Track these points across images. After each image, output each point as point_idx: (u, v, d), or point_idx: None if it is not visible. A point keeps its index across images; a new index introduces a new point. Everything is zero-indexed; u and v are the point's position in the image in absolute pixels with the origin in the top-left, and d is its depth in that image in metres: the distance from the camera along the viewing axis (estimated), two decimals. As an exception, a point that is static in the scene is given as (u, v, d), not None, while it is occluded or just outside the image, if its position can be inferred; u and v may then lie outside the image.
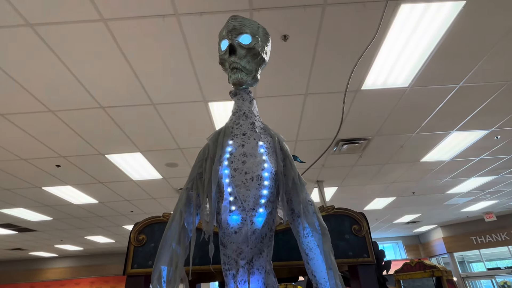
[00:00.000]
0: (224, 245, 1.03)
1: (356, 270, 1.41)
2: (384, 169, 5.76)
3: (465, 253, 11.72)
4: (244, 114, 1.17)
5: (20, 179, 5.07)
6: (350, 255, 1.42)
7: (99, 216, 7.43)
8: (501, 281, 10.68)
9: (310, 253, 1.04)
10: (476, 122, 4.26)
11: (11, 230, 8.07)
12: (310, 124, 4.05)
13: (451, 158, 5.39)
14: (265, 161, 1.07)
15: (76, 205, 6.51)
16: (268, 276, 1.04)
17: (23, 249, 10.73)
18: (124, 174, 5.16)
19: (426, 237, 12.84)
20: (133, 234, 1.48)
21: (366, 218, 1.53)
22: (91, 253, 12.22)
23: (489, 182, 6.88)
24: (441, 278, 4.77)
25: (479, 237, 10.73)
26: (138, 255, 1.43)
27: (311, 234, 1.06)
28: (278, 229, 1.49)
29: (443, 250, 11.54)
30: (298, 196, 1.09)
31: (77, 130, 3.82)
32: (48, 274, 12.19)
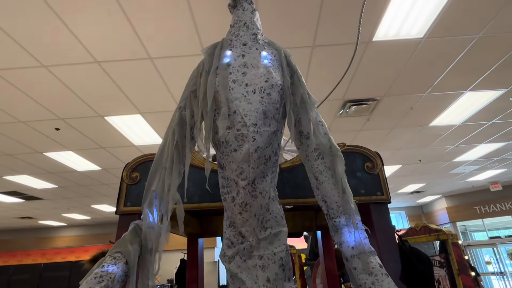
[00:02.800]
0: (223, 166, 0.90)
1: (369, 209, 1.30)
2: (391, 134, 5.60)
3: (467, 223, 11.77)
4: (244, 24, 1.01)
5: (21, 144, 5.00)
6: (362, 193, 1.30)
7: (103, 183, 7.45)
8: (510, 249, 10.73)
9: (320, 176, 0.91)
10: (492, 81, 4.03)
11: (18, 198, 8.17)
12: (317, 82, 3.85)
13: (462, 122, 5.20)
14: (269, 72, 0.91)
15: (79, 172, 6.50)
16: (273, 203, 0.92)
17: (32, 218, 10.96)
18: (125, 139, 5.07)
19: (429, 207, 12.88)
20: (126, 172, 1.37)
21: (380, 156, 1.40)
22: (98, 223, 12.48)
23: (499, 149, 6.71)
24: (446, 241, 4.72)
25: (483, 206, 10.72)
26: (132, 193, 1.33)
27: (322, 156, 0.92)
28: (283, 166, 1.37)
29: (446, 220, 11.60)
30: (307, 115, 0.95)
31: (73, 89, 3.68)
32: (58, 242, 12.55)
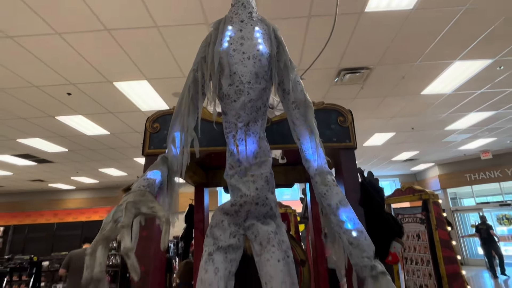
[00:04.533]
0: (225, 113, 1.24)
1: (339, 154, 1.65)
2: (384, 102, 5.88)
3: (458, 190, 12.34)
4: (242, 4, 1.30)
5: (34, 107, 5.32)
6: (334, 140, 1.65)
7: (111, 148, 7.85)
8: (501, 214, 11.33)
9: (296, 121, 1.26)
10: (480, 51, 4.24)
11: (30, 161, 8.62)
12: (313, 51, 4.08)
13: (452, 91, 5.46)
14: (260, 43, 1.22)
15: (89, 136, 6.87)
16: (262, 140, 1.27)
17: (43, 181, 11.54)
18: (133, 104, 5.37)
19: (423, 175, 13.40)
20: (149, 123, 1.72)
21: (351, 113, 1.74)
22: (106, 186, 13.09)
23: (489, 118, 7.00)
24: (428, 200, 5.19)
25: (473, 174, 11.20)
26: (154, 139, 1.68)
27: (298, 107, 1.26)
28: (274, 120, 1.70)
29: (437, 187, 12.15)
30: (288, 76, 1.27)
31: (84, 55, 3.93)
32: (68, 204, 13.27)
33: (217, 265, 1.08)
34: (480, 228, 9.37)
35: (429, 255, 5.13)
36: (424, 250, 5.24)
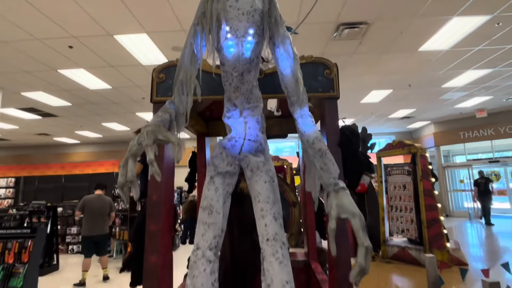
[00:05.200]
0: (223, 64, 1.45)
1: (323, 103, 1.88)
2: (382, 58, 5.94)
3: (451, 147, 12.73)
4: None
5: (36, 60, 5.41)
6: (320, 91, 1.86)
7: (114, 102, 8.03)
8: (489, 171, 11.86)
9: (284, 71, 1.46)
10: (479, 6, 4.25)
11: (35, 114, 8.84)
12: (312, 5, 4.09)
13: (450, 47, 5.50)
14: (253, 0, 1.39)
15: (91, 90, 7.01)
16: (254, 88, 1.49)
17: (49, 134, 11.87)
18: (133, 57, 5.45)
19: (418, 133, 13.69)
20: (155, 73, 1.92)
21: (337, 66, 1.93)
22: (110, 141, 13.46)
23: (486, 76, 7.08)
24: (416, 154, 5.53)
25: (467, 132, 11.49)
26: (160, 88, 1.89)
27: (286, 59, 1.46)
28: (267, 72, 1.90)
29: (431, 144, 12.51)
30: (278, 31, 1.45)
31: (85, 8, 3.96)
32: (74, 157, 13.76)
33: (217, 186, 1.37)
34: (479, 182, 10.00)
35: (412, 204, 5.59)
36: (408, 199, 5.69)
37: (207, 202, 1.34)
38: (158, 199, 1.72)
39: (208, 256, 1.25)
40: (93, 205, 5.08)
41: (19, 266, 3.45)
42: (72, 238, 7.52)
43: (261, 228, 1.27)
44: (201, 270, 1.22)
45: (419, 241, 5.40)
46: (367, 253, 1.01)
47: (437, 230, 5.17)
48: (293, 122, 3.22)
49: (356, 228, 1.05)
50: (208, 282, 1.21)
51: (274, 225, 1.25)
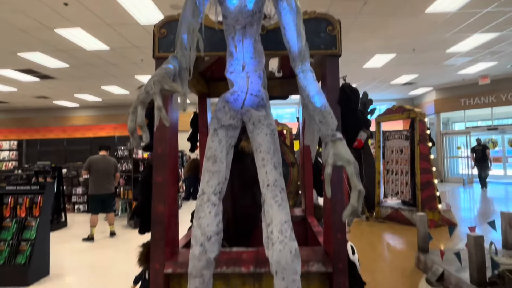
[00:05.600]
0: (225, 17, 1.45)
1: (325, 61, 1.89)
2: (388, 21, 5.76)
3: (451, 114, 12.74)
4: None
5: (32, 19, 5.25)
6: (322, 47, 1.86)
7: (112, 64, 7.90)
8: (487, 138, 12.01)
9: (286, 26, 1.47)
10: (491, -37, 4.06)
11: (33, 76, 8.74)
12: (316, -40, 3.91)
13: (457, 9, 5.32)
14: None
15: (89, 51, 6.87)
16: (256, 43, 1.50)
17: (48, 97, 11.80)
18: (131, 16, 5.29)
19: (420, 99, 13.61)
20: (156, 29, 1.90)
21: (340, 22, 1.91)
22: (110, 104, 13.40)
23: (492, 40, 6.91)
24: (415, 118, 5.57)
25: (468, 99, 11.43)
26: (162, 44, 1.89)
27: (289, 13, 1.46)
28: (269, 28, 1.89)
29: (432, 111, 12.49)
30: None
31: (79, -40, 3.79)
32: (74, 121, 13.80)
33: (220, 138, 1.44)
34: (476, 149, 10.24)
35: (408, 167, 5.74)
36: (404, 163, 5.84)
37: (211, 152, 1.41)
38: (164, 152, 1.80)
39: (213, 200, 1.35)
40: (99, 165, 5.22)
41: (31, 219, 3.64)
42: (78, 198, 7.79)
43: (262, 175, 1.35)
44: (207, 212, 1.32)
45: (412, 202, 5.62)
46: (360, 196, 1.10)
47: (430, 193, 5.37)
48: (294, 83, 3.23)
49: (350, 174, 1.13)
50: (213, 223, 1.31)
51: (274, 173, 1.34)
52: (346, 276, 1.68)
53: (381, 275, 3.48)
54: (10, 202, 3.70)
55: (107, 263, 4.16)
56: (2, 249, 3.51)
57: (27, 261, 3.45)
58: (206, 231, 1.30)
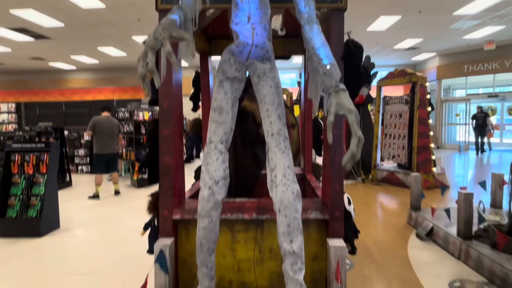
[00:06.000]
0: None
1: (330, 15, 1.87)
2: (395, -22, 5.53)
3: (452, 81, 12.62)
4: None
5: (23, -28, 5.02)
6: (327, 1, 1.84)
7: (108, 23, 7.65)
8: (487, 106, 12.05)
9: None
10: None
11: (27, 35, 8.48)
12: None
13: (469, -33, 5.09)
14: None
15: (84, 9, 6.63)
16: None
17: (43, 59, 11.54)
18: (127, -29, 5.06)
19: (422, 65, 13.40)
20: (158, -22, 1.87)
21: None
22: (107, 67, 13.14)
23: (501, 2, 6.68)
24: (416, 83, 5.55)
25: (471, 65, 11.26)
26: (166, -6, 1.87)
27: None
28: (274, -20, 1.85)
29: (433, 78, 12.35)
30: None
31: None
32: (72, 84, 13.61)
33: (226, 90, 1.48)
34: (478, 116, 10.54)
35: (406, 131, 5.83)
36: (403, 127, 5.91)
37: (217, 103, 1.46)
38: (169, 106, 1.84)
39: (220, 148, 1.42)
40: (103, 126, 5.28)
41: (39, 176, 3.77)
42: (81, 160, 7.93)
43: (266, 125, 1.41)
44: (214, 159, 1.40)
45: (407, 166, 5.78)
46: (359, 142, 1.17)
47: (426, 156, 5.50)
48: (297, 42, 3.21)
49: (351, 122, 1.19)
50: (220, 169, 1.40)
51: (278, 123, 1.40)
52: (341, 223, 1.82)
53: (373, 230, 3.69)
54: (17, 159, 3.79)
55: (114, 218, 4.37)
56: (14, 203, 3.67)
57: (38, 215, 3.62)
58: (214, 176, 1.39)
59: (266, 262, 1.86)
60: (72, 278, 2.64)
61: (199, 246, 1.45)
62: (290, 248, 1.23)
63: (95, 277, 2.66)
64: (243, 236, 1.86)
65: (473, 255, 2.66)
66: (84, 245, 3.41)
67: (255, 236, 1.86)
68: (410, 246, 3.18)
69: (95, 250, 3.25)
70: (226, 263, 1.86)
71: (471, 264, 2.68)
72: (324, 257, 1.85)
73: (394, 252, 3.05)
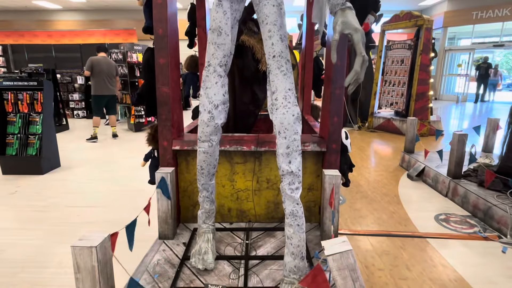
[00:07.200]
0: None
1: None
2: None
3: (458, 29, 12.10)
4: None
5: None
6: None
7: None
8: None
9: None
10: None
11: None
12: None
13: None
14: None
15: None
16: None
17: (25, -4, 10.75)
18: None
19: (429, 12, 12.74)
20: None
21: None
22: (97, 7, 12.33)
23: None
24: (422, 26, 5.31)
25: (481, 12, 10.72)
26: None
27: None
28: None
29: (439, 25, 11.82)
30: None
31: None
32: (59, 25, 12.86)
33: (225, 10, 1.39)
34: (481, 66, 10.87)
35: (406, 78, 5.73)
36: (403, 74, 5.80)
37: (216, 24, 1.39)
38: (164, 33, 1.75)
39: (219, 71, 1.38)
40: (102, 66, 5.11)
41: (35, 115, 3.73)
42: (76, 104, 7.82)
43: (268, 47, 1.35)
44: (213, 82, 1.37)
45: (404, 113, 5.79)
46: (363, 62, 1.14)
47: (423, 104, 5.48)
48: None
49: (356, 41, 1.15)
50: (220, 93, 1.38)
51: (281, 44, 1.34)
52: (338, 155, 1.86)
53: (366, 171, 3.81)
54: (10, 98, 3.72)
55: (114, 158, 4.44)
56: (12, 141, 3.68)
57: (38, 153, 3.66)
58: (213, 100, 1.37)
59: (263, 192, 1.94)
60: (77, 209, 2.76)
61: (199, 170, 1.49)
62: (288, 168, 1.26)
63: (99, 208, 2.78)
64: (242, 167, 1.91)
65: (460, 192, 2.79)
66: (86, 181, 3.50)
67: (253, 168, 1.91)
68: (400, 186, 3.32)
69: (97, 186, 3.35)
70: (225, 193, 1.94)
71: (457, 200, 2.83)
72: (319, 188, 1.93)
73: (384, 190, 3.19)
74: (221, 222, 1.95)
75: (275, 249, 1.63)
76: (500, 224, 2.30)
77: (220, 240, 1.71)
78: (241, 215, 1.97)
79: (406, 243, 2.19)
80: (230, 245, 1.67)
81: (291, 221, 1.27)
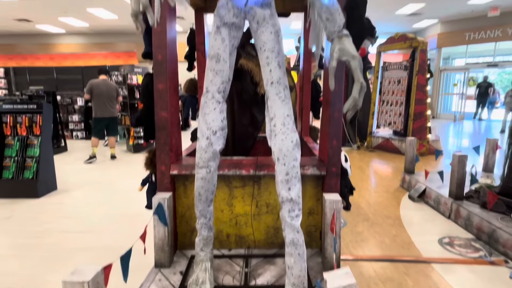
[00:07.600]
0: None
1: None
2: None
3: (452, 50, 12.38)
4: None
5: None
6: None
7: (97, -19, 7.23)
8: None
9: None
10: None
11: (11, -6, 8.04)
12: None
13: None
14: None
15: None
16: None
17: (30, 21, 11.01)
18: None
19: (423, 33, 13.07)
20: None
21: None
22: (98, 31, 12.63)
23: (510, -36, 6.40)
24: (417, 48, 5.43)
25: (473, 33, 11.00)
26: None
27: None
28: None
29: (434, 46, 12.09)
30: None
31: None
32: (62, 49, 13.12)
33: (224, 37, 1.41)
34: (481, 85, 11.35)
35: (403, 98, 5.80)
36: (400, 94, 5.87)
37: (214, 51, 1.40)
38: (164, 59, 1.77)
39: (217, 98, 1.39)
40: (101, 89, 5.16)
41: (33, 138, 3.73)
42: (75, 126, 7.84)
43: (266, 73, 1.37)
44: (212, 108, 1.37)
45: (403, 132, 5.81)
46: (361, 89, 1.15)
47: (422, 123, 5.51)
48: (297, 0, 3.04)
49: (354, 68, 1.16)
50: (218, 119, 1.37)
51: (278, 71, 1.35)
52: (338, 179, 1.83)
53: (366, 192, 3.77)
54: (9, 121, 3.72)
55: (111, 180, 4.39)
56: (9, 164, 3.65)
57: (34, 176, 3.62)
58: (212, 126, 1.36)
59: (263, 216, 1.90)
60: (73, 235, 2.69)
61: (197, 197, 1.46)
62: (288, 196, 1.24)
63: (94, 234, 2.71)
64: (241, 191, 1.88)
65: (463, 214, 2.74)
66: (82, 205, 3.44)
67: (252, 192, 1.88)
68: (402, 207, 3.27)
69: (93, 209, 3.29)
70: (224, 218, 1.90)
71: (460, 222, 2.77)
72: (319, 212, 1.89)
73: (386, 212, 3.13)
74: (220, 248, 1.90)
75: (275, 277, 1.58)
76: (506, 248, 2.25)
77: (218, 268, 1.65)
78: (240, 241, 1.92)
79: (410, 269, 2.13)
80: (228, 273, 1.61)
81: (291, 250, 1.23)
